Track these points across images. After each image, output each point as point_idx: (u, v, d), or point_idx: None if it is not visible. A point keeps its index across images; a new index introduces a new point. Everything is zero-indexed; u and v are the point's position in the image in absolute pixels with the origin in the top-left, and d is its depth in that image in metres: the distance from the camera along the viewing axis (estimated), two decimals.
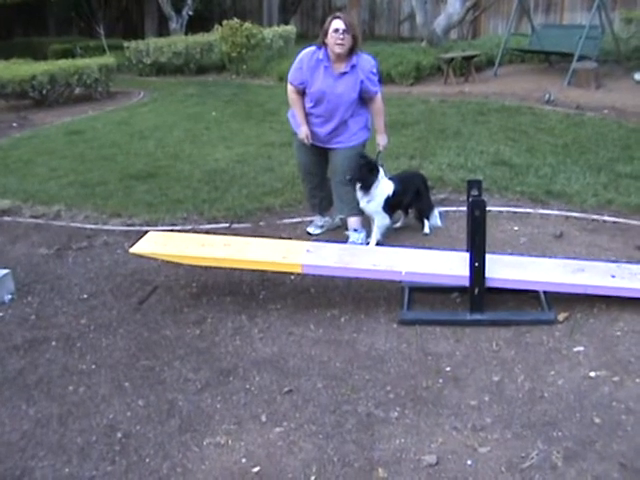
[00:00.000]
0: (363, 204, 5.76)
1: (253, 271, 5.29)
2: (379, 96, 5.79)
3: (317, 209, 6.28)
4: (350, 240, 5.85)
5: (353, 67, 5.52)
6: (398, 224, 6.26)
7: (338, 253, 5.09)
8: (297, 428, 3.67)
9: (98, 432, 3.75)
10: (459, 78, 14.14)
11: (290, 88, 5.77)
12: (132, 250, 5.22)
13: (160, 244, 5.28)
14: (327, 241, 5.58)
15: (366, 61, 5.63)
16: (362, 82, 5.58)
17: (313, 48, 5.61)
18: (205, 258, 5.08)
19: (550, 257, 5.32)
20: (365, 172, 5.64)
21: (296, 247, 5.20)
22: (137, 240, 5.38)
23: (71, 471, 3.47)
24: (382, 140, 5.98)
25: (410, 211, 6.28)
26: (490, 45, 16.05)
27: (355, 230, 5.88)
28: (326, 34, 5.45)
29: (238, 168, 8.37)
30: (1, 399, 4.09)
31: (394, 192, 5.79)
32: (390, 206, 5.83)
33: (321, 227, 6.29)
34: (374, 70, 5.67)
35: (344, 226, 6.12)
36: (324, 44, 5.51)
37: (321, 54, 5.54)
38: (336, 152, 5.81)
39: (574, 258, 5.27)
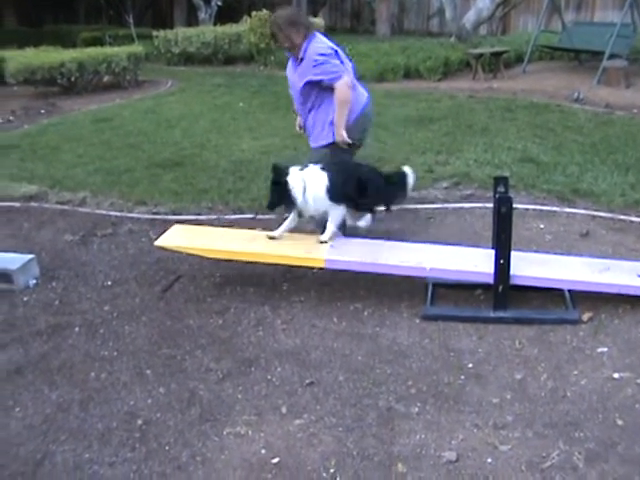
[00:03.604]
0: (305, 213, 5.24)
1: (276, 264, 5.27)
2: (337, 85, 5.20)
3: None
4: None
5: (303, 58, 5.30)
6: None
7: (361, 249, 5.07)
8: (317, 420, 3.67)
9: (119, 418, 3.77)
10: (487, 74, 14.05)
11: None
12: (157, 243, 5.22)
13: (185, 237, 5.29)
14: (351, 237, 5.52)
15: (313, 49, 5.25)
16: (311, 76, 5.28)
17: None
18: (229, 252, 5.08)
19: (575, 256, 5.28)
20: (278, 194, 5.13)
21: (319, 243, 5.18)
22: (162, 229, 5.41)
23: (91, 456, 3.49)
24: (336, 136, 5.40)
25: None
26: (519, 41, 15.96)
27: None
28: None
29: (264, 159, 8.36)
30: (24, 382, 4.12)
31: (331, 181, 5.06)
32: (339, 195, 5.11)
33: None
34: (317, 58, 5.21)
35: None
36: None
37: None
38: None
39: (600, 257, 5.22)
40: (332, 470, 3.31)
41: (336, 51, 5.34)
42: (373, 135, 9.16)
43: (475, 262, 4.83)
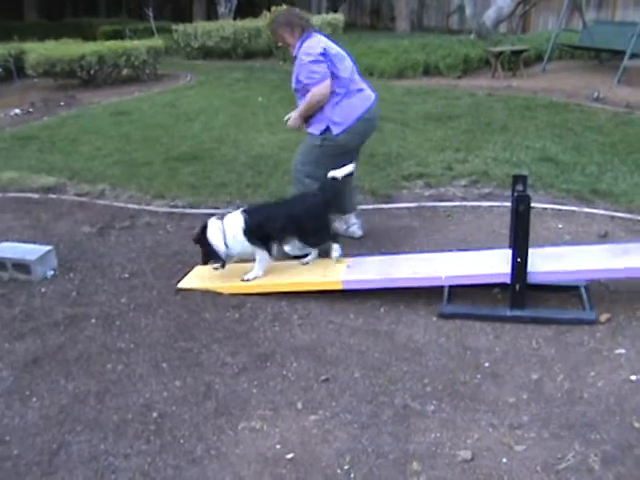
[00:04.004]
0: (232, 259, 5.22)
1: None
2: (313, 89, 5.28)
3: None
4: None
5: (296, 56, 5.41)
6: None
7: (378, 265, 5.10)
8: (333, 417, 3.66)
9: (134, 411, 3.78)
10: (507, 72, 14.01)
11: None
12: (179, 286, 5.19)
13: (206, 277, 5.27)
14: (370, 254, 5.46)
15: (303, 49, 5.34)
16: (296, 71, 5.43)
17: None
18: (248, 287, 5.05)
19: (592, 244, 5.27)
20: (204, 249, 5.13)
21: (336, 264, 5.18)
22: (179, 222, 5.40)
23: (106, 447, 3.50)
24: (292, 115, 5.68)
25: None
26: (540, 40, 15.88)
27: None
28: None
29: (283, 154, 8.37)
30: (41, 373, 4.14)
31: (248, 224, 5.01)
32: (259, 237, 5.04)
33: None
34: (303, 58, 5.30)
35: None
36: None
37: None
38: None
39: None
40: (347, 467, 3.30)
41: (325, 54, 5.28)
42: (393, 131, 9.18)
43: (490, 264, 4.81)
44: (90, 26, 26.19)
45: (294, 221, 5.05)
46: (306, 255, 5.31)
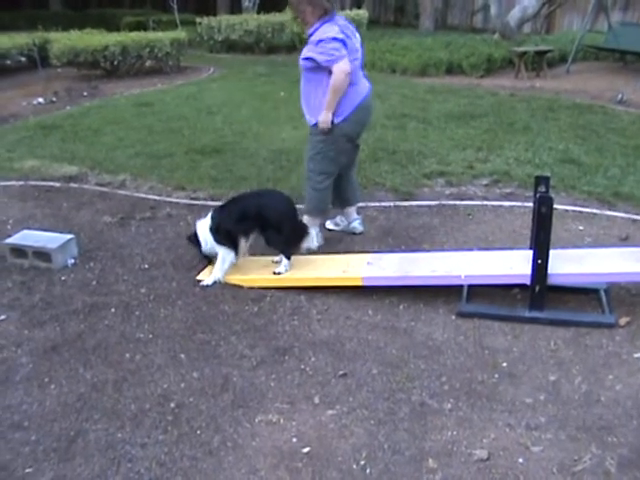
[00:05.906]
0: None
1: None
2: (334, 69, 5.08)
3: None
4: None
5: (309, 36, 5.25)
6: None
7: (398, 262, 5.09)
8: (349, 412, 3.66)
9: (152, 401, 3.80)
10: (530, 73, 13.96)
11: None
12: (198, 277, 5.24)
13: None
14: (390, 251, 5.48)
15: (323, 30, 5.14)
16: (310, 53, 5.21)
17: None
18: (267, 279, 5.09)
19: (611, 247, 5.24)
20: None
21: (356, 260, 5.19)
22: (200, 214, 5.41)
23: (124, 436, 3.52)
24: (319, 117, 5.34)
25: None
26: (564, 41, 15.83)
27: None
28: None
29: (304, 149, 8.35)
30: (60, 360, 4.17)
31: (215, 224, 5.12)
32: (225, 236, 5.11)
33: (336, 225, 6.10)
34: (323, 37, 5.10)
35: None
36: None
37: None
38: None
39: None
40: (362, 462, 3.30)
41: (344, 42, 5.16)
42: (415, 129, 9.17)
43: (510, 264, 4.80)
44: (114, 17, 26.34)
45: (259, 217, 5.07)
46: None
